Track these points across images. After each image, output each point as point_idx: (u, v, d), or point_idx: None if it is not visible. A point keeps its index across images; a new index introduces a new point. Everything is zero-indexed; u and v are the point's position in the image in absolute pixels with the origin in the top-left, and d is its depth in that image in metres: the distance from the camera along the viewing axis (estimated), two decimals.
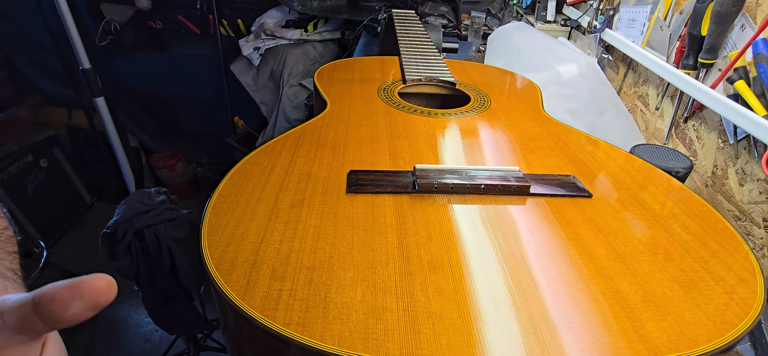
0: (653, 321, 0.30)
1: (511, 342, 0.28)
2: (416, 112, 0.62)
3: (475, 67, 0.87)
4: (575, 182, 0.46)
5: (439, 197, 0.42)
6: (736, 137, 0.64)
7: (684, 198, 0.46)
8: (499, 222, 0.40)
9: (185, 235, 0.94)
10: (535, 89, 0.77)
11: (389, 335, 0.28)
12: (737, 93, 0.61)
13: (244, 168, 0.45)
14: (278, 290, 0.31)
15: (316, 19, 1.96)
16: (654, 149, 0.63)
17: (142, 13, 2.04)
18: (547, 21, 1.27)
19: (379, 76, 0.75)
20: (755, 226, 0.62)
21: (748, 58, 0.61)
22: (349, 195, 0.42)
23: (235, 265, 0.33)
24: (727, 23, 0.65)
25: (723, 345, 0.29)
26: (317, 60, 1.99)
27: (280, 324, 0.28)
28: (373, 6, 1.75)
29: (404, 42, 0.89)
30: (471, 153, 0.53)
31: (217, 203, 0.40)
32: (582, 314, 0.30)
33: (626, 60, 0.98)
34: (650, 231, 0.40)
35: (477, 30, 1.43)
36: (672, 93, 0.81)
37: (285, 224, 0.37)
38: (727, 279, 0.35)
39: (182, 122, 2.27)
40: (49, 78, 2.04)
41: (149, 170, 2.30)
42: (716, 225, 0.41)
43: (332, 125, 0.56)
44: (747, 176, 0.63)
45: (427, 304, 0.30)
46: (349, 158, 0.49)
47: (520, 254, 0.36)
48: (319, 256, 0.34)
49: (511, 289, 0.32)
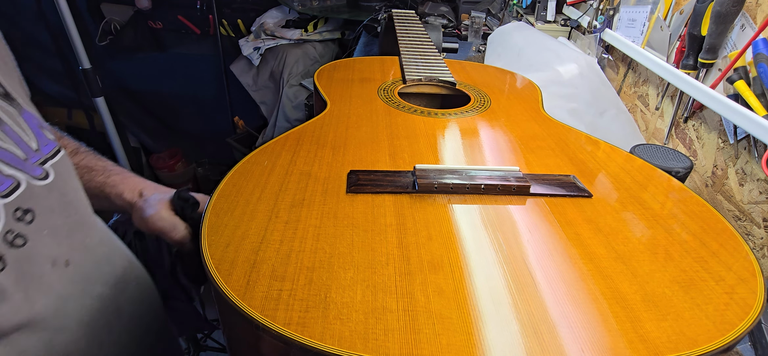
0: (653, 321, 0.30)
1: (511, 342, 0.28)
2: (416, 112, 0.62)
3: (475, 67, 0.87)
4: (575, 182, 0.46)
5: (439, 197, 0.42)
6: (736, 137, 0.64)
7: (684, 198, 0.46)
8: (499, 222, 0.40)
9: None
10: (535, 88, 0.77)
11: (389, 335, 0.28)
12: (737, 93, 0.61)
13: (244, 168, 0.45)
14: (278, 290, 0.31)
15: (316, 19, 1.96)
16: (654, 149, 0.63)
17: (142, 13, 2.04)
18: (547, 21, 1.27)
19: (379, 76, 0.75)
20: (755, 226, 0.62)
21: (748, 58, 0.61)
22: (349, 195, 0.42)
23: (235, 265, 0.33)
24: (727, 23, 0.65)
25: (723, 345, 0.29)
26: (317, 60, 1.99)
27: (280, 324, 0.28)
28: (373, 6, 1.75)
29: (404, 42, 0.89)
30: (471, 153, 0.53)
31: (217, 203, 0.40)
32: (582, 314, 0.30)
33: (626, 60, 0.98)
34: (650, 231, 0.40)
35: (477, 30, 1.43)
36: (672, 93, 0.81)
37: (285, 224, 0.37)
38: (727, 278, 0.35)
39: (182, 122, 2.27)
40: (49, 78, 2.04)
41: (149, 170, 2.30)
42: (716, 225, 0.41)
43: (332, 125, 0.56)
44: (747, 176, 0.63)
45: (427, 304, 0.30)
46: (349, 158, 0.49)
47: (520, 254, 0.36)
48: (319, 256, 0.34)
49: (511, 289, 0.32)
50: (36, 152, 0.40)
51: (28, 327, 0.36)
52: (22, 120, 0.40)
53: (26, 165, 0.38)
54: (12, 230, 0.35)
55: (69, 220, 0.41)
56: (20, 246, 0.36)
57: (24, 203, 0.37)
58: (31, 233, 0.37)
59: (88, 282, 0.43)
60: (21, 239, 0.36)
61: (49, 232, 0.39)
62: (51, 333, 0.38)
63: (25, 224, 0.36)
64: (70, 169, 0.44)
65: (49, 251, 0.39)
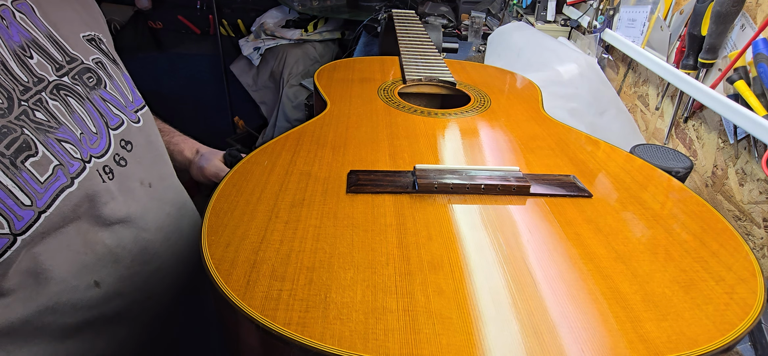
0: (653, 321, 0.30)
1: (511, 341, 0.28)
2: (416, 112, 0.62)
3: (475, 67, 0.87)
4: (575, 182, 0.46)
5: (439, 197, 0.42)
6: (736, 137, 0.64)
7: (684, 198, 0.46)
8: (499, 222, 0.40)
9: None
10: (535, 88, 0.77)
11: (389, 335, 0.28)
12: (737, 93, 0.61)
13: (244, 168, 0.45)
14: (278, 290, 0.31)
15: (316, 19, 1.97)
16: (654, 149, 0.63)
17: (142, 13, 2.04)
18: (547, 21, 1.27)
19: (379, 76, 0.75)
20: (755, 226, 0.62)
21: (748, 58, 0.61)
22: (349, 195, 0.42)
23: (235, 265, 0.33)
24: (727, 23, 0.65)
25: (723, 345, 0.29)
26: (317, 60, 1.99)
27: (280, 324, 0.28)
28: (373, 6, 1.75)
29: (404, 42, 0.89)
30: (471, 153, 0.53)
31: (217, 203, 0.40)
32: (582, 314, 0.30)
33: (626, 60, 0.98)
34: (650, 231, 0.40)
35: (477, 30, 1.43)
36: (672, 93, 0.81)
37: (285, 224, 0.37)
38: (727, 278, 0.35)
39: (182, 122, 2.25)
40: None
41: None
42: (716, 225, 0.41)
43: (332, 125, 0.56)
44: (747, 176, 0.63)
45: (427, 304, 0.30)
46: (349, 158, 0.49)
47: (520, 254, 0.36)
48: (319, 256, 0.34)
49: (511, 289, 0.32)
50: (132, 103, 0.56)
51: (124, 222, 0.51)
52: (123, 79, 0.56)
53: (126, 110, 0.54)
54: (118, 154, 0.51)
55: (152, 155, 0.57)
56: (123, 166, 0.51)
57: (126, 136, 0.53)
58: (129, 158, 0.52)
59: (162, 201, 0.58)
60: (124, 162, 0.51)
61: (139, 160, 0.54)
62: (138, 231, 0.53)
63: (127, 151, 0.52)
64: (152, 119, 0.60)
65: (139, 174, 0.54)
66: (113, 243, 0.49)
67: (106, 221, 0.48)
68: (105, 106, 0.51)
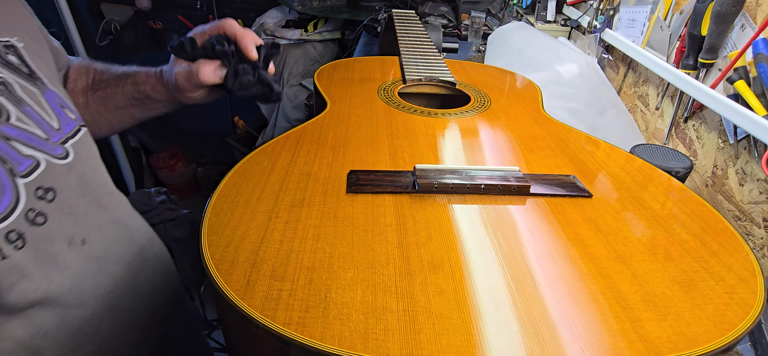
0: (653, 321, 0.30)
1: (511, 341, 0.28)
2: (416, 112, 0.62)
3: (475, 67, 0.87)
4: (575, 182, 0.46)
5: (439, 197, 0.42)
6: (736, 137, 0.64)
7: (684, 198, 0.46)
8: (499, 222, 0.40)
9: (185, 235, 0.94)
10: (535, 88, 0.77)
11: (389, 335, 0.28)
12: (737, 93, 0.61)
13: (244, 168, 0.45)
14: (278, 290, 0.31)
15: (316, 19, 1.96)
16: (654, 149, 0.63)
17: (142, 13, 2.04)
18: (547, 21, 1.27)
19: (379, 76, 0.75)
20: (755, 226, 0.62)
21: (748, 58, 0.61)
22: (349, 195, 0.42)
23: (235, 265, 0.33)
24: (727, 23, 0.65)
25: (723, 345, 0.29)
26: (317, 60, 1.99)
27: (280, 324, 0.28)
28: (373, 6, 1.75)
29: (404, 42, 0.89)
30: (471, 153, 0.53)
31: (217, 203, 0.40)
32: (582, 314, 0.30)
33: (626, 60, 0.98)
34: (650, 231, 0.40)
35: (477, 30, 1.43)
36: (672, 93, 0.81)
37: (285, 224, 0.37)
38: (727, 278, 0.35)
39: (182, 122, 2.27)
40: None
41: (149, 169, 2.30)
42: (716, 225, 0.41)
43: (332, 125, 0.56)
44: (747, 176, 0.63)
45: (427, 304, 0.30)
46: (349, 158, 0.49)
47: (520, 254, 0.36)
48: (319, 256, 0.34)
49: (511, 289, 0.32)
50: (57, 131, 0.41)
51: (44, 303, 0.38)
52: (44, 100, 0.41)
53: (47, 145, 0.40)
54: (34, 208, 0.37)
55: (87, 199, 0.43)
56: (41, 225, 0.37)
57: (45, 181, 0.38)
58: (51, 211, 0.38)
59: (104, 261, 0.44)
60: (42, 218, 0.38)
61: (68, 210, 0.40)
62: (66, 310, 0.40)
63: (46, 203, 0.38)
64: (90, 147, 0.45)
65: (66, 230, 0.40)
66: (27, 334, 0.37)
67: (14, 308, 0.36)
68: (7, 147, 0.36)
